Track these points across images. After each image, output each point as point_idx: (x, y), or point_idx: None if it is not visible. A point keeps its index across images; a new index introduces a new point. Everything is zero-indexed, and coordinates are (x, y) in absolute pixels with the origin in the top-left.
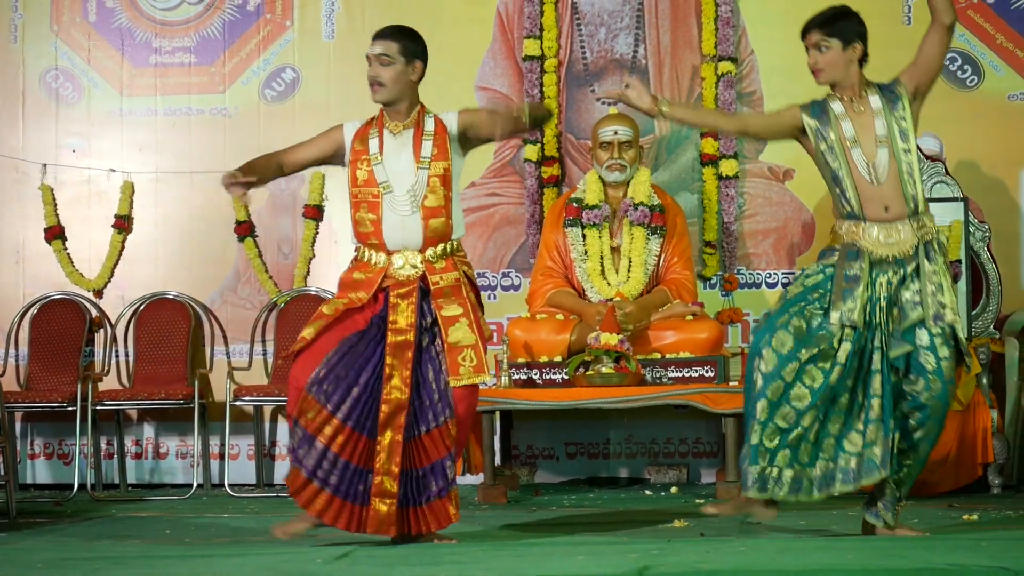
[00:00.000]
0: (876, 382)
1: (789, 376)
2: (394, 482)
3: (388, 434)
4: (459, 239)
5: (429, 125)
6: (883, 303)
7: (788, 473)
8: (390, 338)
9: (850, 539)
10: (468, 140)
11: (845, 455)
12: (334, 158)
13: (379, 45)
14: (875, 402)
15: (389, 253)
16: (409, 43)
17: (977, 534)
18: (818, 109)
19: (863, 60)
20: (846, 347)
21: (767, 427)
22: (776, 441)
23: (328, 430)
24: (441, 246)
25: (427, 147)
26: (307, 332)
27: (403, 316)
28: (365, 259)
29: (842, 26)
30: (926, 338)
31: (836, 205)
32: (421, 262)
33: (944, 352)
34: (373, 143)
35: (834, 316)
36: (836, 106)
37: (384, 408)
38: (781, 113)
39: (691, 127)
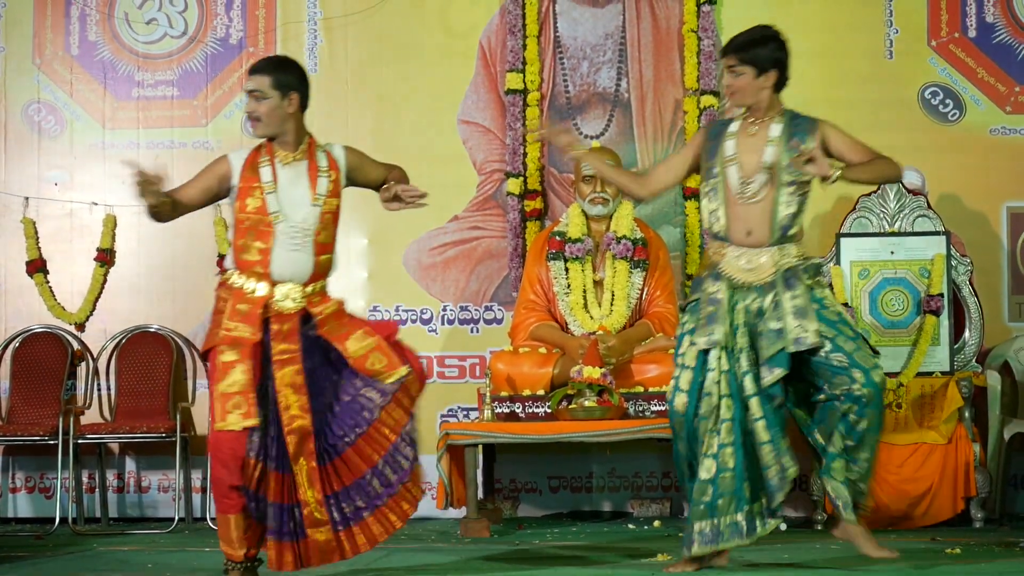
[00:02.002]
0: (755, 405)
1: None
2: (321, 508)
3: (302, 462)
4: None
5: (323, 161)
6: (744, 329)
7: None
8: (279, 369)
9: (834, 573)
10: (351, 181)
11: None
12: (220, 192)
13: (252, 81)
14: (759, 425)
15: (272, 284)
16: (282, 76)
17: (960, 568)
18: (718, 129)
19: (781, 85)
20: (723, 376)
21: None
22: (710, 493)
23: (259, 479)
24: (321, 282)
25: (323, 184)
26: (236, 387)
27: (287, 345)
28: (242, 287)
29: (758, 53)
30: (827, 344)
31: (707, 224)
32: (302, 296)
33: (849, 346)
34: (265, 171)
35: (700, 340)
36: (733, 125)
37: (290, 439)
38: (683, 149)
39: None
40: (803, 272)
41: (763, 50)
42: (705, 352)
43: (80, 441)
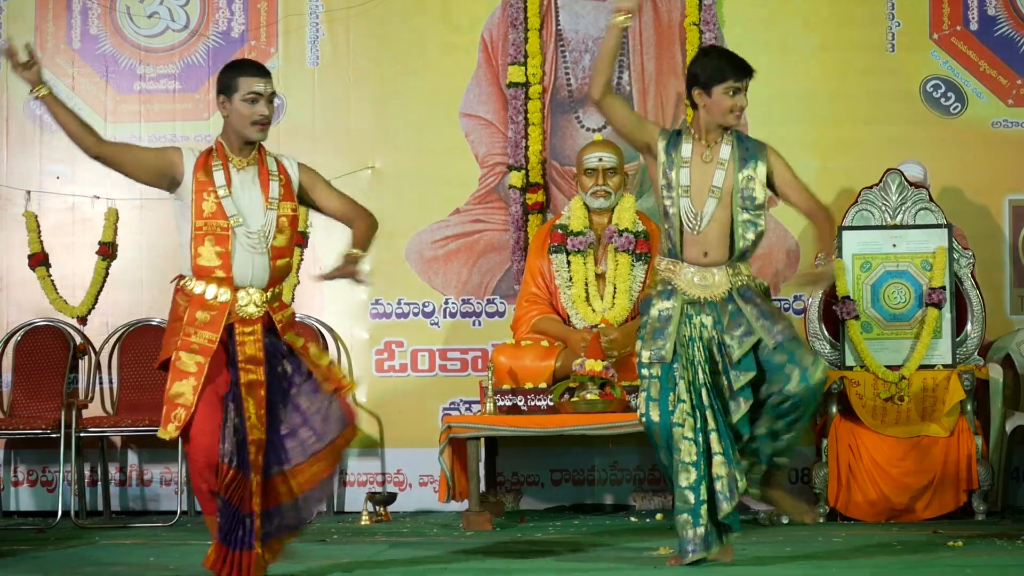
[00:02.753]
0: (709, 416)
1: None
2: (261, 521)
3: (253, 474)
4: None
5: (272, 165)
6: (700, 344)
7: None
8: (244, 377)
9: (836, 566)
10: (303, 200)
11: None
12: (163, 179)
13: (269, 83)
14: (713, 436)
15: (235, 289)
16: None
17: (962, 560)
18: (673, 142)
19: None
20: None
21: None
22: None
23: (235, 488)
24: (278, 287)
25: (274, 187)
26: (181, 397)
27: (251, 353)
28: (203, 294)
29: None
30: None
31: (662, 239)
32: (263, 301)
33: (791, 345)
34: (218, 175)
35: (645, 355)
36: (686, 149)
37: (251, 449)
38: (644, 122)
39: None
40: (756, 288)
41: None
42: (669, 364)
43: (82, 434)
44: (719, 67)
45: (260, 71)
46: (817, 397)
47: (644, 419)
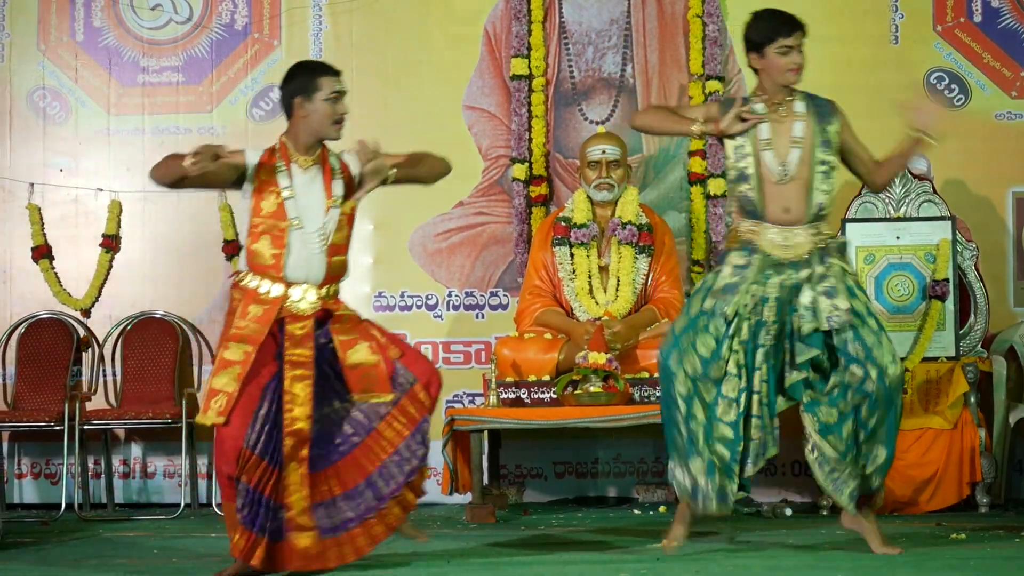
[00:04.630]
0: (756, 379)
1: (706, 396)
2: (307, 515)
3: (293, 466)
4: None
5: (335, 163)
6: (773, 303)
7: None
8: (288, 371)
9: (840, 557)
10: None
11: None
12: (229, 179)
13: (341, 81)
14: (755, 398)
15: (287, 285)
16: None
17: (965, 553)
18: (730, 106)
19: None
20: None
21: (708, 445)
22: (715, 454)
23: (262, 476)
24: (335, 285)
25: (338, 186)
26: (223, 384)
27: (301, 349)
28: (256, 288)
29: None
30: (849, 332)
31: (738, 205)
32: (318, 298)
33: (870, 339)
34: (282, 176)
35: (708, 302)
36: (758, 107)
37: (288, 441)
38: (695, 109)
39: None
40: (835, 251)
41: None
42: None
43: (86, 427)
44: (768, 27)
45: (336, 71)
46: (895, 398)
47: (669, 380)
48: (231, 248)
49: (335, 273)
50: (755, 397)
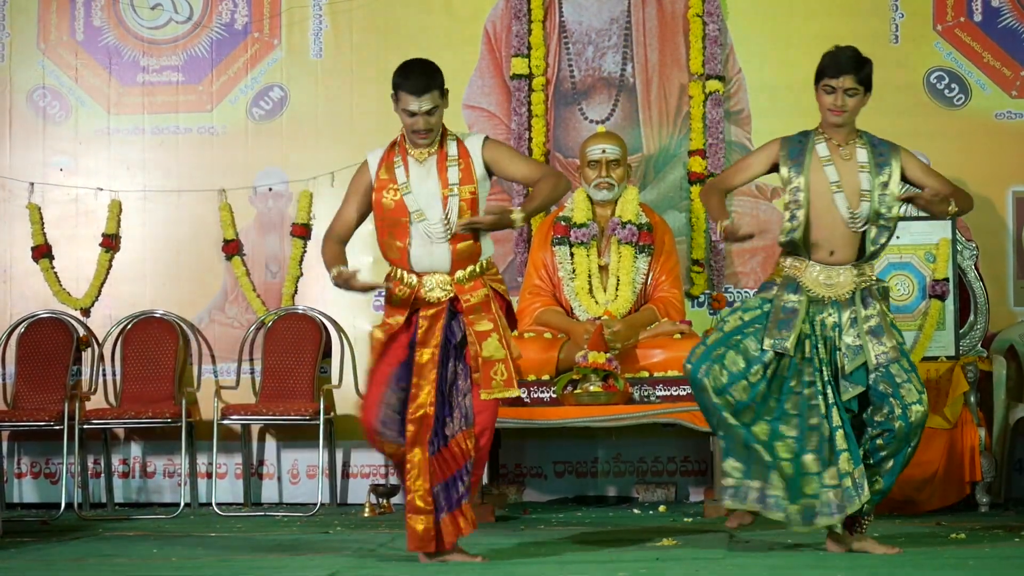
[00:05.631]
0: (835, 415)
1: (733, 398)
2: (427, 498)
3: (417, 451)
4: (489, 258)
5: (452, 149)
6: (821, 341)
7: (754, 484)
8: (417, 357)
9: (839, 556)
10: (492, 173)
11: (825, 490)
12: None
13: (425, 100)
14: (839, 434)
15: (419, 275)
16: (439, 78)
17: (964, 552)
18: (798, 147)
19: None
20: (792, 377)
21: (731, 441)
22: (747, 458)
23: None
24: (470, 268)
25: (453, 173)
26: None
27: (431, 336)
28: (399, 278)
29: (869, 74)
30: (881, 370)
31: (784, 240)
32: (451, 284)
33: (901, 376)
34: (399, 172)
35: (767, 342)
36: (821, 148)
37: (410, 427)
38: (758, 155)
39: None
40: (877, 292)
41: (870, 72)
42: (778, 355)
43: (85, 426)
44: (821, 64)
45: (417, 87)
46: (912, 438)
47: (700, 391)
48: (231, 248)
49: (463, 259)
50: (838, 432)
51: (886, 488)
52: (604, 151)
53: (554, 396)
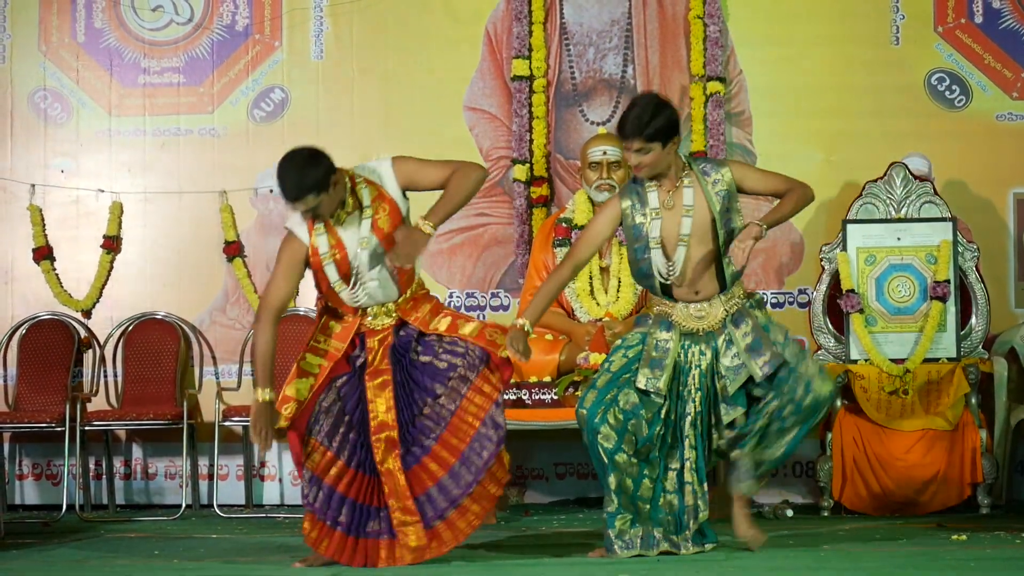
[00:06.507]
0: (686, 447)
1: (629, 448)
2: (411, 513)
3: (388, 466)
4: (419, 277)
5: (366, 198)
6: (695, 373)
7: (659, 532)
8: (369, 380)
9: (840, 558)
10: (414, 189)
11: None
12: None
13: (306, 202)
14: (687, 466)
15: (365, 311)
16: (312, 176)
17: (965, 554)
18: (635, 197)
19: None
20: (659, 414)
21: (621, 496)
22: (631, 502)
23: (333, 471)
24: (411, 288)
25: (365, 226)
26: (295, 392)
27: (379, 357)
28: (337, 310)
29: (660, 128)
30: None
31: (649, 286)
32: (395, 310)
33: (793, 361)
34: (321, 241)
35: (640, 381)
36: (653, 198)
37: (377, 446)
38: (598, 220)
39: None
40: (749, 308)
41: (663, 123)
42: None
43: (87, 428)
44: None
45: (292, 195)
46: (818, 412)
47: (595, 435)
48: (232, 249)
49: (408, 282)
50: (686, 464)
51: (786, 454)
52: (605, 153)
53: (556, 398)
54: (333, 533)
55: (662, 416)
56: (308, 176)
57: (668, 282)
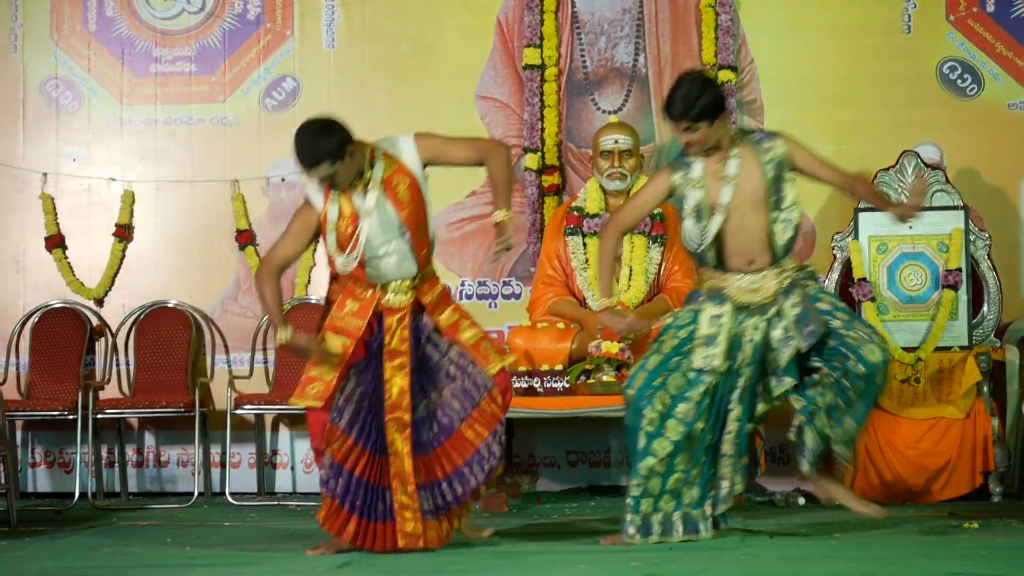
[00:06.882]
0: (730, 420)
1: (672, 434)
2: (412, 497)
3: (396, 451)
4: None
5: (378, 171)
6: (748, 348)
7: (677, 515)
8: (387, 361)
9: (852, 547)
10: (435, 165)
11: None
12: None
13: (318, 170)
14: (728, 438)
15: (382, 286)
16: (324, 145)
17: (977, 542)
18: (685, 169)
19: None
20: (708, 391)
21: (650, 481)
22: (658, 488)
23: (352, 457)
24: (427, 268)
25: (371, 197)
26: (321, 372)
27: (398, 339)
28: (353, 287)
29: (706, 107)
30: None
31: (699, 259)
32: (411, 287)
33: (843, 329)
34: (332, 209)
35: (696, 361)
36: (697, 169)
37: (390, 427)
38: (647, 190)
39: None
40: (801, 280)
41: (708, 101)
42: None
43: (99, 416)
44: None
45: (307, 163)
46: (875, 380)
47: (638, 417)
48: (244, 237)
49: (424, 262)
50: (727, 436)
51: (856, 426)
52: (616, 141)
53: (567, 386)
54: (351, 518)
55: (710, 391)
56: (322, 145)
57: (699, 251)
